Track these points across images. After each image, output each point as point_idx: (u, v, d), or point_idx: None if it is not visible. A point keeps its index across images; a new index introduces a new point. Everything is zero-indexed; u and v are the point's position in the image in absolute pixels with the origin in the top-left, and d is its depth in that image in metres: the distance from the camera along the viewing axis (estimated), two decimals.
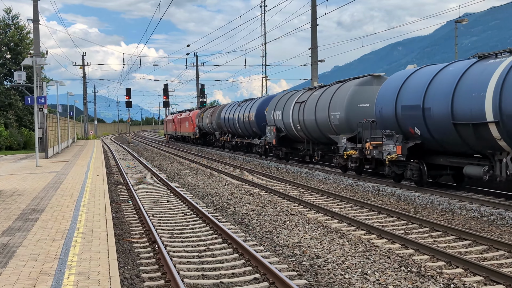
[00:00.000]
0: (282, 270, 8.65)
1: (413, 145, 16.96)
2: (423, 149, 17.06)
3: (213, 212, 14.61)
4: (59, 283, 6.74)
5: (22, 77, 36.27)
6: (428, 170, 17.07)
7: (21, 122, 54.99)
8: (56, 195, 15.38)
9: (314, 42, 38.80)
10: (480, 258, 9.45)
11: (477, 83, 13.99)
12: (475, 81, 14.10)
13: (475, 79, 14.15)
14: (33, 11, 37.52)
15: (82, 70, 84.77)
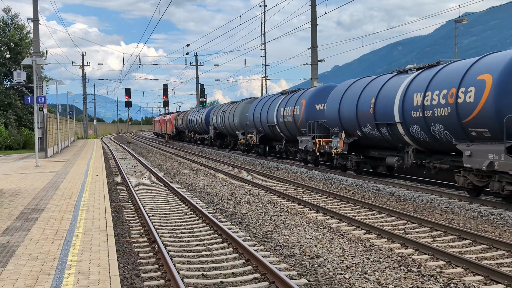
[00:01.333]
0: (282, 269, 8.65)
1: (352, 141, 21.36)
2: (360, 145, 21.31)
3: (213, 211, 14.61)
4: (59, 283, 6.74)
5: (21, 76, 36.29)
6: (365, 161, 21.74)
7: (20, 122, 55.02)
8: (56, 194, 15.38)
9: (314, 42, 38.81)
10: (480, 257, 9.46)
11: (390, 93, 18.24)
12: (389, 91, 18.40)
13: (389, 89, 18.46)
14: (33, 11, 37.52)
15: (82, 69, 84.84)
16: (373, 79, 20.51)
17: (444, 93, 15.15)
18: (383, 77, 19.93)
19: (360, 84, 21.26)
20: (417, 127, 16.66)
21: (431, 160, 16.89)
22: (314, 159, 26.00)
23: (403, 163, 18.24)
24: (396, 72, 19.32)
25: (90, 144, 55.10)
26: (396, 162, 18.54)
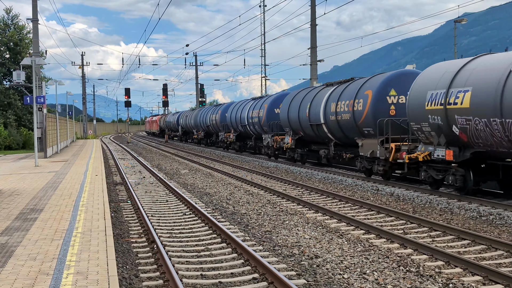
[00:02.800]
0: (281, 269, 8.65)
1: (298, 138, 27.04)
2: (304, 140, 27.13)
3: (212, 211, 14.61)
4: (58, 283, 6.74)
5: (21, 76, 36.28)
6: (308, 154, 27.36)
7: (20, 122, 55.00)
8: (55, 194, 15.38)
9: (314, 42, 38.81)
10: (479, 257, 9.46)
11: (318, 101, 24.19)
12: (318, 100, 24.30)
13: (318, 98, 24.43)
14: (33, 11, 37.52)
15: (81, 69, 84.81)
16: (311, 90, 26.83)
17: (347, 103, 21.14)
18: (317, 89, 26.05)
19: (302, 93, 27.55)
20: (334, 127, 22.67)
21: (345, 151, 22.70)
22: (274, 153, 31.40)
23: (328, 154, 24.11)
24: (326, 85, 25.61)
25: (90, 144, 55.09)
26: (323, 153, 24.70)
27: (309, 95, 26.14)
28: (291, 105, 27.61)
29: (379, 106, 19.31)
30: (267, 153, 32.48)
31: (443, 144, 15.28)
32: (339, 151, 23.19)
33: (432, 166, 16.22)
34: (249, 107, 36.54)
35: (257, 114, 34.09)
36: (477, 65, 14.51)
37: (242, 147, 40.25)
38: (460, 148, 14.87)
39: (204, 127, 51.04)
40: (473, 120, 13.94)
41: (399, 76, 19.84)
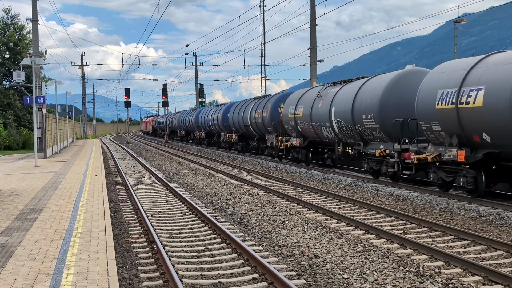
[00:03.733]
0: (280, 270, 8.65)
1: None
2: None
3: (212, 212, 14.61)
4: (58, 283, 6.74)
5: (21, 77, 36.25)
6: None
7: (20, 122, 55.00)
8: (55, 195, 15.37)
9: (313, 42, 38.80)
10: (479, 258, 9.46)
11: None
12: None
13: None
14: (32, 11, 37.52)
15: (81, 70, 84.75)
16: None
17: (260, 111, 28.46)
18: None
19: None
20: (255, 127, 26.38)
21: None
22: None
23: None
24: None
25: (89, 144, 55.08)
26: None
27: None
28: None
29: (273, 114, 30.89)
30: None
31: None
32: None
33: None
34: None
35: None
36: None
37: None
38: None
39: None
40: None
41: (287, 95, 30.35)
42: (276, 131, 30.12)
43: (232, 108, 41.55)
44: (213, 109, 49.01)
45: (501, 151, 13.77)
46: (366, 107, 19.48)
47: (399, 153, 17.65)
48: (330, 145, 24.74)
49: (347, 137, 21.79)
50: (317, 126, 24.11)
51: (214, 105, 56.10)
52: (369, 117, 19.33)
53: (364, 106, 19.64)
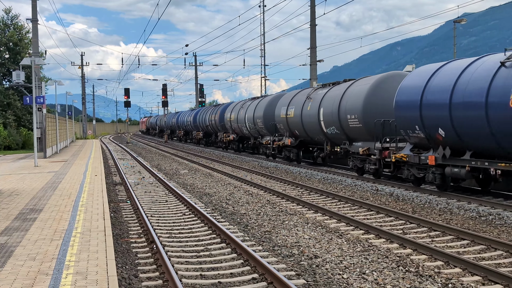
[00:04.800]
0: (280, 270, 8.65)
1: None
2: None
3: (211, 212, 14.61)
4: (57, 283, 6.74)
5: (20, 77, 36.25)
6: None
7: (19, 122, 54.98)
8: (55, 195, 15.37)
9: (313, 42, 38.81)
10: (478, 258, 9.46)
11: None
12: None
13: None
14: (32, 11, 37.51)
15: (81, 70, 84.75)
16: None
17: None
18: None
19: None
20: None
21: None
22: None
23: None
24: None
25: (89, 144, 55.07)
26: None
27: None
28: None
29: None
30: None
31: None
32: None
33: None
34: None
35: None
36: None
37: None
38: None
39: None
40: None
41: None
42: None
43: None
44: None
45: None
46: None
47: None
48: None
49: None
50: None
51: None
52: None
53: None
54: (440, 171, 15.64)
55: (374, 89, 19.96)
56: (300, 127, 26.46)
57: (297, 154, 28.44)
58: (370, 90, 20.00)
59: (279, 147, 30.09)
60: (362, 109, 19.93)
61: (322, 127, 23.70)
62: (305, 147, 28.21)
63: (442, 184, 15.94)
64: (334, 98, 22.50)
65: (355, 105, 20.46)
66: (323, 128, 23.68)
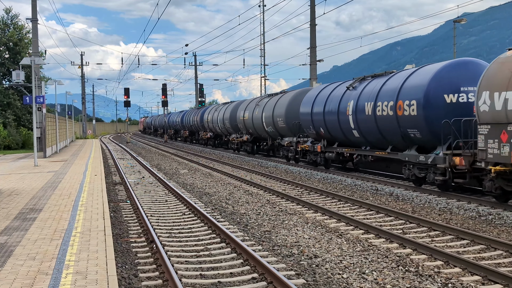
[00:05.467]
0: (280, 269, 8.65)
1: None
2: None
3: (211, 211, 14.61)
4: (57, 283, 6.74)
5: (20, 76, 36.25)
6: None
7: (19, 122, 54.99)
8: (54, 194, 15.37)
9: (313, 42, 38.81)
10: (478, 257, 9.46)
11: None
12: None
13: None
14: (32, 11, 37.50)
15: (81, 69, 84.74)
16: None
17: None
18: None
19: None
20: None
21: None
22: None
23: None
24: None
25: (89, 144, 55.08)
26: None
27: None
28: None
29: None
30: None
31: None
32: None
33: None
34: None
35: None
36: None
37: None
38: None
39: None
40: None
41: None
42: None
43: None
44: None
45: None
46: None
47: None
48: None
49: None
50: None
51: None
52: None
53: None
54: (323, 155, 24.45)
55: (292, 100, 28.92)
56: (252, 127, 35.09)
57: (252, 147, 37.08)
58: (289, 101, 29.07)
59: (239, 143, 38.75)
60: (285, 114, 28.97)
61: (264, 126, 32.40)
62: (258, 142, 36.59)
63: (325, 164, 24.77)
64: (271, 106, 31.43)
65: (281, 111, 29.52)
66: (265, 127, 32.37)
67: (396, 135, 18.21)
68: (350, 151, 22.12)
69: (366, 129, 20.10)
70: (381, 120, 18.75)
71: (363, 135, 20.49)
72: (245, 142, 37.37)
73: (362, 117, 20.03)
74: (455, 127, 15.34)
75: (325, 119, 23.34)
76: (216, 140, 48.45)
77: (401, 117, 17.50)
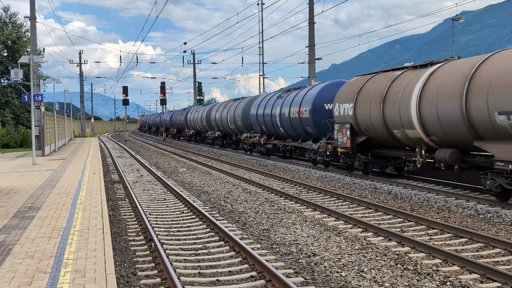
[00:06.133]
0: (278, 268, 8.65)
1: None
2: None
3: (210, 210, 14.61)
4: (55, 281, 6.74)
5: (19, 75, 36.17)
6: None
7: (18, 120, 54.94)
8: (53, 193, 15.36)
9: (312, 40, 38.80)
10: (477, 256, 9.47)
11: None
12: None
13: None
14: (30, 9, 37.46)
15: (79, 68, 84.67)
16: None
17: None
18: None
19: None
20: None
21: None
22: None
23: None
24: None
25: (88, 142, 55.04)
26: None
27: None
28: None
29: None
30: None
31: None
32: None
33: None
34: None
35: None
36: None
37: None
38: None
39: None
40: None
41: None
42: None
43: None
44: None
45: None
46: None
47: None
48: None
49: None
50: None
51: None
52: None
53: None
54: (265, 147, 32.36)
55: (247, 104, 36.25)
56: (221, 125, 42.99)
57: (222, 142, 44.79)
58: (245, 105, 36.39)
59: (213, 138, 46.92)
60: (242, 115, 36.53)
61: (229, 125, 40.32)
62: (228, 137, 44.10)
63: (267, 153, 32.61)
64: (233, 108, 39.16)
65: (239, 113, 37.20)
66: (229, 125, 40.28)
67: (301, 131, 26.33)
68: (279, 142, 30.47)
69: (287, 127, 28.23)
70: (293, 121, 26.83)
71: (286, 131, 28.61)
72: (217, 138, 45.94)
73: (284, 118, 28.11)
74: (331, 125, 22.56)
75: (264, 119, 31.40)
76: (197, 136, 57.82)
77: (302, 119, 25.44)
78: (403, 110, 16.68)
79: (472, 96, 13.64)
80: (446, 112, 14.65)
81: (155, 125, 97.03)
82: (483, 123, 13.35)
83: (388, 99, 17.68)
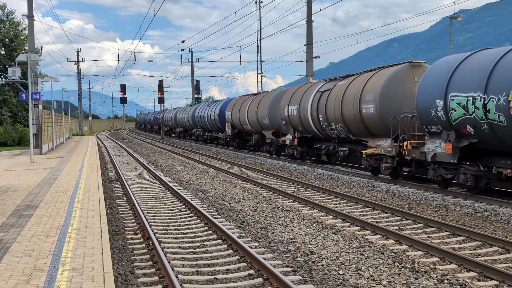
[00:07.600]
0: (276, 266, 8.66)
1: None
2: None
3: (208, 208, 14.60)
4: (53, 279, 6.73)
5: (16, 73, 36.16)
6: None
7: (15, 119, 54.84)
8: (51, 191, 15.35)
9: (310, 39, 38.80)
10: (474, 254, 9.49)
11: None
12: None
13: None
14: (28, 7, 37.39)
15: (77, 66, 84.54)
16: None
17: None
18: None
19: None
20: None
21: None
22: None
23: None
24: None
25: (85, 140, 54.98)
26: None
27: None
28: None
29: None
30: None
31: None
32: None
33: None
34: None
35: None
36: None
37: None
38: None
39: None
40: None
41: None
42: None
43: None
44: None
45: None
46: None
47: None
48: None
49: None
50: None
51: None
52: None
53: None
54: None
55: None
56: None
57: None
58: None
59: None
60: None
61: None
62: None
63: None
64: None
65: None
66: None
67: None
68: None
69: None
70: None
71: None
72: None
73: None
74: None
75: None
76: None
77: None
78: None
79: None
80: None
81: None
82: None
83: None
